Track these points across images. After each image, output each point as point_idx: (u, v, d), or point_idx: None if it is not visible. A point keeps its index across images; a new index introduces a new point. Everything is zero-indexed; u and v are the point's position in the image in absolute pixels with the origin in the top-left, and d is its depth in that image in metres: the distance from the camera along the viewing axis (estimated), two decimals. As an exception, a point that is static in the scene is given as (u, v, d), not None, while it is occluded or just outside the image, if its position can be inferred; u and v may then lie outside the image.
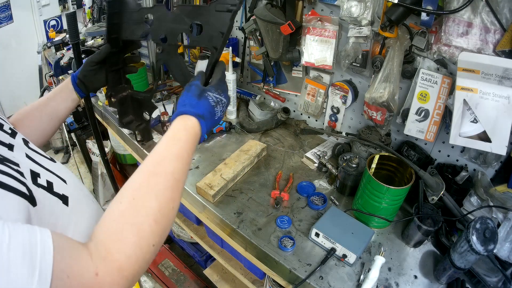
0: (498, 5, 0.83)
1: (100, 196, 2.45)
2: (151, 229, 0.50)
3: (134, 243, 0.48)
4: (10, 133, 0.58)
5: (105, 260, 0.45)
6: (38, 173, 0.53)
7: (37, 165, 0.55)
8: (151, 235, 0.50)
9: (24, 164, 0.52)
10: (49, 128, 0.84)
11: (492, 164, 1.00)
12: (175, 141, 0.59)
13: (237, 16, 1.58)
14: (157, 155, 0.57)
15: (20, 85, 3.12)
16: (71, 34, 1.14)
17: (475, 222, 0.79)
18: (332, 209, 1.03)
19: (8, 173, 0.45)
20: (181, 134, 0.60)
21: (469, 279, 0.88)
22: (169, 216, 0.54)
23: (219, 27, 0.69)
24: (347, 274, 0.89)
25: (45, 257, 0.37)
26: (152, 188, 0.53)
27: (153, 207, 0.51)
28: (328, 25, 1.22)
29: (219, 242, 1.43)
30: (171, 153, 0.57)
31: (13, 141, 0.57)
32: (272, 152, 1.37)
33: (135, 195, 0.52)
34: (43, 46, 2.86)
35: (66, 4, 3.14)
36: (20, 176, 0.47)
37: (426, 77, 1.02)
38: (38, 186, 0.50)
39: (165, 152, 0.58)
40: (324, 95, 1.38)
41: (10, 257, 0.34)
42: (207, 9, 0.71)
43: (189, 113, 0.62)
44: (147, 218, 0.50)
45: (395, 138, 1.26)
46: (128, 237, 0.48)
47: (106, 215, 0.51)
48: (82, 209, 0.60)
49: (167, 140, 0.59)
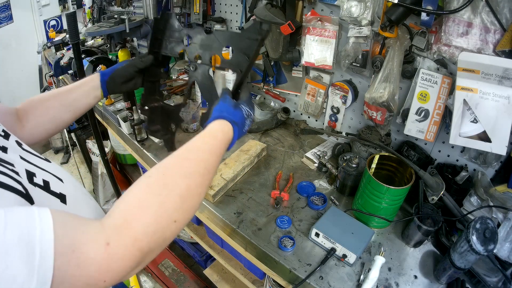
0: (498, 5, 0.83)
1: (100, 196, 2.45)
2: (175, 204, 0.50)
3: (155, 213, 0.47)
4: (3, 135, 0.57)
5: (119, 228, 0.43)
6: (34, 173, 0.52)
7: (32, 166, 0.55)
8: (174, 210, 0.50)
9: (19, 164, 0.51)
10: (65, 118, 0.83)
11: (492, 164, 1.00)
12: (211, 138, 0.63)
13: (237, 16, 1.58)
14: (192, 144, 0.61)
15: (20, 85, 3.12)
16: (71, 34, 1.15)
17: (475, 222, 0.79)
18: (332, 209, 1.03)
19: (3, 171, 0.44)
20: (218, 133, 0.64)
21: (469, 279, 0.88)
22: (194, 199, 0.54)
23: (246, 52, 0.78)
24: (347, 274, 0.89)
25: (44, 234, 0.36)
26: (183, 169, 0.55)
27: (181, 185, 0.52)
28: (328, 25, 1.22)
29: (219, 242, 1.43)
30: (206, 146, 0.61)
31: (7, 143, 0.56)
32: (272, 152, 1.37)
33: (165, 171, 0.53)
34: (43, 46, 2.86)
35: (66, 4, 3.14)
36: (16, 175, 0.46)
37: (426, 77, 1.02)
38: (35, 185, 0.50)
39: (200, 144, 0.61)
40: (324, 95, 1.38)
41: (6, 240, 0.33)
42: (239, 36, 0.81)
43: (226, 119, 0.67)
44: (173, 192, 0.51)
45: (395, 138, 1.26)
46: (150, 207, 0.47)
47: (130, 188, 0.50)
48: (81, 207, 0.60)
49: (204, 135, 0.63)
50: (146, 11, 1.74)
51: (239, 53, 0.80)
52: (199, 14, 1.66)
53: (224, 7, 1.62)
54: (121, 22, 1.60)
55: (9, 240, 0.33)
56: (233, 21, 1.62)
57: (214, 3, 1.65)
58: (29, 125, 0.76)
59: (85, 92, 0.86)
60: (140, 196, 0.49)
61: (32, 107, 0.77)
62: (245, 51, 0.79)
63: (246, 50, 0.79)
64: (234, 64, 0.81)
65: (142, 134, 1.41)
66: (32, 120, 0.76)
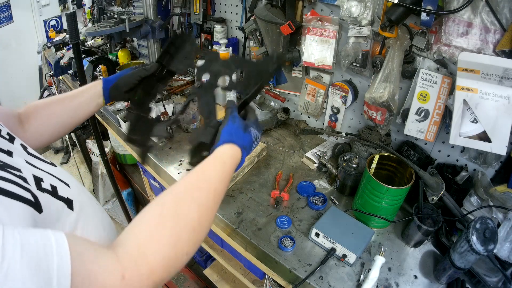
0: (498, 5, 0.83)
1: (100, 196, 2.45)
2: (188, 237, 0.51)
3: (171, 247, 0.47)
4: (8, 138, 0.57)
5: (136, 262, 0.43)
6: (41, 178, 0.52)
7: (39, 170, 0.54)
8: (187, 243, 0.51)
9: (26, 169, 0.50)
10: (67, 123, 0.82)
11: (492, 164, 1.00)
12: (221, 164, 0.64)
13: (237, 16, 1.58)
14: (203, 172, 0.61)
15: (20, 85, 3.12)
16: (71, 34, 1.15)
17: (475, 222, 0.79)
18: (332, 209, 1.03)
19: (11, 179, 0.43)
20: (227, 159, 0.65)
21: (469, 279, 0.88)
22: (204, 229, 0.56)
23: (256, 79, 0.81)
24: (347, 274, 0.89)
25: (63, 265, 0.35)
26: (196, 199, 0.55)
27: (194, 217, 0.53)
28: (328, 25, 1.22)
29: (219, 242, 1.43)
30: (216, 173, 0.62)
31: (12, 146, 0.56)
32: (272, 152, 1.37)
33: (178, 202, 0.53)
34: (43, 46, 2.86)
35: (66, 4, 3.15)
36: (23, 182, 0.46)
37: (426, 77, 1.02)
38: (43, 191, 0.49)
39: (211, 172, 0.62)
40: (324, 95, 1.38)
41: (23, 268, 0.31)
42: (252, 63, 0.86)
43: (237, 143, 0.67)
44: (187, 226, 0.51)
45: (395, 138, 1.26)
46: (166, 241, 0.47)
47: (141, 217, 0.50)
48: (88, 213, 0.60)
49: (214, 161, 0.64)
50: (146, 11, 1.74)
51: (248, 77, 0.83)
52: (199, 14, 1.66)
53: (224, 7, 1.62)
54: (121, 22, 1.60)
55: (26, 270, 0.32)
56: (233, 21, 1.62)
57: (214, 3, 1.65)
58: (31, 130, 0.75)
59: (87, 99, 0.85)
60: (155, 229, 0.48)
61: (35, 111, 0.76)
62: (255, 78, 0.81)
63: (256, 77, 0.81)
64: (242, 86, 0.83)
65: (142, 134, 1.41)
66: (34, 124, 0.75)
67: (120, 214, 2.35)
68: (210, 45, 1.70)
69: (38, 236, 0.35)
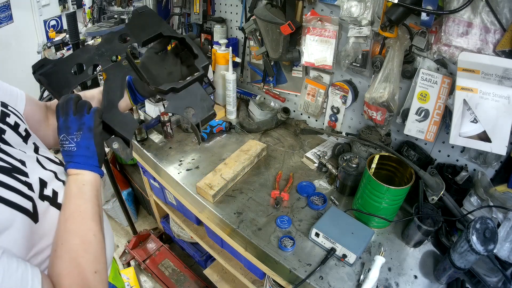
0: (498, 5, 0.83)
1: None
2: (85, 260, 0.53)
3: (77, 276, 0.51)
4: (24, 135, 0.59)
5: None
6: (46, 182, 0.56)
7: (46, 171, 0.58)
8: (88, 265, 0.53)
9: (33, 172, 0.54)
10: None
11: (492, 164, 1.00)
12: (81, 200, 0.62)
13: (237, 16, 1.58)
14: (69, 211, 0.59)
15: (20, 85, 3.10)
16: (71, 34, 1.15)
17: (475, 222, 0.79)
18: (332, 209, 1.03)
19: (14, 187, 0.47)
20: (86, 189, 0.62)
21: (469, 279, 0.88)
22: (93, 244, 0.56)
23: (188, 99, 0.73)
24: (347, 274, 0.89)
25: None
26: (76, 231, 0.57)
27: (77, 243, 0.55)
28: (328, 25, 1.22)
29: (219, 242, 1.43)
30: (81, 208, 0.60)
31: (25, 146, 0.58)
32: (272, 152, 1.37)
33: (62, 242, 0.55)
34: (43, 46, 2.86)
35: (66, 4, 3.15)
36: (27, 189, 0.50)
37: (426, 77, 1.02)
38: (43, 199, 0.54)
39: (76, 208, 0.60)
40: (324, 95, 1.38)
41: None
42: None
43: (88, 169, 0.64)
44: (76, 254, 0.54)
45: (395, 138, 1.26)
46: (72, 274, 0.51)
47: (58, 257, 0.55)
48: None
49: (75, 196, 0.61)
50: (146, 11, 1.73)
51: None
52: (199, 14, 1.66)
53: (224, 7, 1.62)
54: (121, 22, 1.61)
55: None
56: (233, 21, 1.62)
57: (214, 3, 1.65)
58: (55, 125, 0.72)
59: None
60: (60, 266, 0.53)
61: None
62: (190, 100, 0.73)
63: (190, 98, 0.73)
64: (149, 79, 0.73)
65: (142, 134, 1.41)
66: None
67: (120, 214, 2.34)
68: (210, 45, 1.70)
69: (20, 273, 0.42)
